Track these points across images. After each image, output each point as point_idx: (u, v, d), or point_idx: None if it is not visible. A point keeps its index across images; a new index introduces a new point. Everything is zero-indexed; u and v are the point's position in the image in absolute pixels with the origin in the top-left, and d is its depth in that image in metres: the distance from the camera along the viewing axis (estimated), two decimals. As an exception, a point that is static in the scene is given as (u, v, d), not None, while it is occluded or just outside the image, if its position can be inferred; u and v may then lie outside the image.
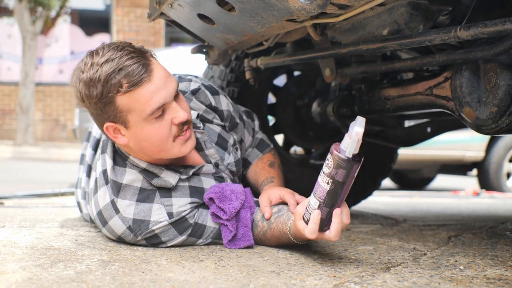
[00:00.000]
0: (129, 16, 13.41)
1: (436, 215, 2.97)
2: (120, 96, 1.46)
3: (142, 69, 1.46)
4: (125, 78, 1.45)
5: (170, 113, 1.53)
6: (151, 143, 1.54)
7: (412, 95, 1.98)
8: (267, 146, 2.05)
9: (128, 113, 1.48)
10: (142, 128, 1.50)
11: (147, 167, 1.61)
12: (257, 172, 1.93)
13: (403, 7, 1.64)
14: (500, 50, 1.50)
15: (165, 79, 1.51)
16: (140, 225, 1.56)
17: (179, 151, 1.59)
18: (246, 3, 1.54)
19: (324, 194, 1.37)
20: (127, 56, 1.47)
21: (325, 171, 1.36)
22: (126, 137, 1.54)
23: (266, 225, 1.62)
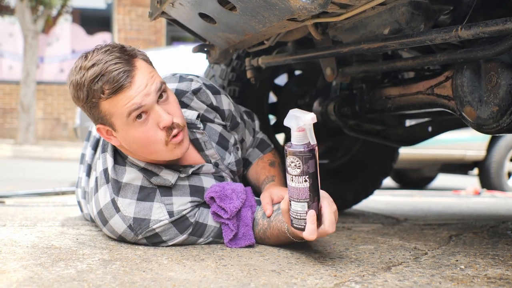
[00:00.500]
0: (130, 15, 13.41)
1: (437, 214, 2.97)
2: (102, 102, 1.48)
3: (123, 75, 1.47)
4: (106, 84, 1.46)
5: (154, 117, 1.52)
6: (140, 146, 1.55)
7: (413, 94, 1.98)
8: (268, 146, 2.05)
9: (111, 117, 1.51)
10: (128, 131, 1.52)
11: (145, 166, 1.63)
12: (257, 171, 1.93)
13: (404, 7, 1.64)
14: (501, 50, 1.50)
15: (145, 84, 1.50)
16: (141, 223, 1.57)
17: (172, 154, 1.59)
18: (248, 2, 1.54)
19: (306, 193, 1.36)
20: (112, 61, 1.47)
21: (296, 172, 1.35)
22: (117, 139, 1.57)
23: (266, 223, 1.62)
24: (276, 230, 1.58)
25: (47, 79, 13.37)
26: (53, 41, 13.63)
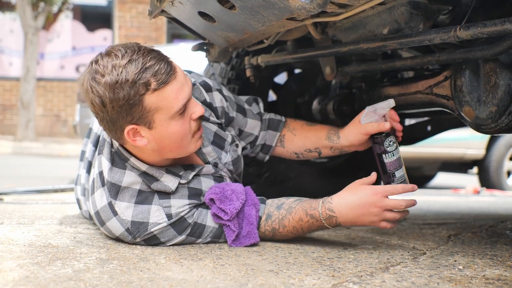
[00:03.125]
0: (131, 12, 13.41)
1: (436, 213, 2.97)
2: (148, 96, 1.44)
3: (167, 67, 1.47)
4: (153, 76, 1.44)
5: (190, 109, 1.54)
6: (173, 141, 1.53)
7: (412, 93, 1.97)
8: (279, 122, 2.03)
9: (156, 112, 1.47)
10: (168, 126, 1.50)
11: (147, 170, 1.59)
12: (307, 137, 1.96)
13: (403, 6, 1.64)
14: (500, 50, 1.49)
15: (184, 75, 1.53)
16: (139, 227, 1.56)
17: (195, 146, 1.61)
18: (247, 1, 1.53)
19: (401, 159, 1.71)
20: (149, 55, 1.46)
21: (393, 148, 1.70)
22: (146, 139, 1.51)
23: (284, 212, 1.63)
24: (300, 212, 1.61)
25: (48, 75, 13.36)
26: (53, 38, 13.61)
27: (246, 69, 2.29)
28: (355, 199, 1.55)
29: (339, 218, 1.57)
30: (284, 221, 1.63)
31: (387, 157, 1.70)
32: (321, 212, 1.57)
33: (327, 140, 1.92)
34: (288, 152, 2.02)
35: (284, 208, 1.64)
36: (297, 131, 2.00)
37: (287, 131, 2.01)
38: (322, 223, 1.59)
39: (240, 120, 1.91)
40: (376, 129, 1.75)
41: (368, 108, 1.75)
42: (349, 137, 1.86)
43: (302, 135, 1.98)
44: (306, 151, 1.98)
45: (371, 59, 2.14)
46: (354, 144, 1.86)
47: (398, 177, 1.71)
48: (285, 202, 1.67)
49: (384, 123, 1.73)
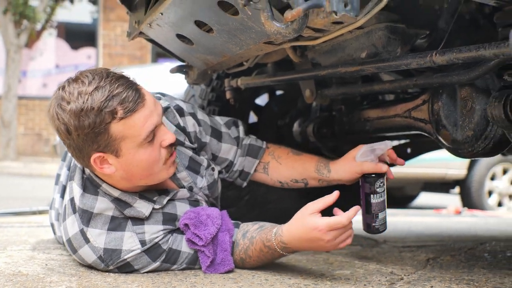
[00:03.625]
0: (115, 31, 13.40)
1: (417, 235, 2.97)
2: (115, 124, 1.42)
3: (135, 94, 1.44)
4: (120, 105, 1.41)
5: (160, 136, 1.51)
6: (142, 169, 1.50)
7: (391, 117, 1.98)
8: (259, 148, 1.96)
9: (122, 140, 1.44)
10: (135, 154, 1.47)
11: (120, 196, 1.56)
12: (294, 167, 1.90)
13: (381, 31, 1.64)
14: (475, 75, 1.50)
15: (154, 102, 1.50)
16: (112, 254, 1.53)
17: (167, 173, 1.58)
18: (224, 25, 1.53)
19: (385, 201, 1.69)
20: (116, 82, 1.43)
21: (382, 189, 1.68)
22: (113, 166, 1.49)
23: (247, 242, 1.60)
24: (259, 244, 1.57)
25: (30, 93, 13.25)
26: (36, 56, 13.54)
27: (226, 91, 2.28)
28: (302, 234, 1.49)
29: (294, 248, 1.54)
30: (248, 251, 1.61)
31: (374, 198, 1.67)
32: (276, 245, 1.53)
33: (316, 173, 1.87)
34: (272, 180, 1.96)
35: (247, 238, 1.61)
36: (283, 159, 1.93)
37: (272, 158, 1.95)
38: (281, 253, 1.56)
39: (213, 145, 1.86)
40: (373, 169, 1.70)
41: (366, 147, 1.72)
42: (340, 173, 1.80)
43: (289, 164, 1.92)
44: (292, 181, 1.92)
45: (350, 82, 2.14)
46: (343, 180, 1.81)
47: (380, 219, 1.68)
48: (249, 230, 1.64)
49: (381, 165, 1.69)
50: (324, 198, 1.52)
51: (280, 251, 1.54)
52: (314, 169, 1.86)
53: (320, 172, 1.85)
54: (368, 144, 1.73)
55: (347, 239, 1.51)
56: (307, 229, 1.47)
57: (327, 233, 1.46)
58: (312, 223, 1.47)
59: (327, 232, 1.46)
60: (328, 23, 1.26)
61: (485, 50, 1.30)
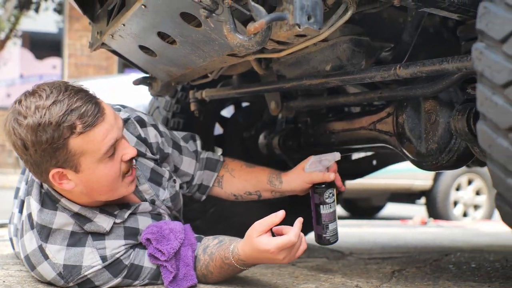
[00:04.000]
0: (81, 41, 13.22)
1: (383, 247, 2.97)
2: (73, 139, 1.37)
3: (95, 108, 1.40)
4: (78, 119, 1.37)
5: (120, 150, 1.47)
6: (103, 184, 1.46)
7: (356, 129, 1.98)
8: (217, 162, 1.97)
9: (81, 155, 1.40)
10: (95, 169, 1.43)
11: (79, 210, 1.52)
12: (247, 179, 1.93)
13: (345, 44, 1.64)
14: (439, 88, 1.51)
15: (114, 116, 1.46)
16: (72, 271, 1.48)
17: (126, 190, 1.53)
18: (187, 36, 1.51)
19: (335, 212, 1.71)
20: (75, 95, 1.39)
21: (331, 200, 1.70)
22: (73, 182, 1.44)
23: (208, 257, 1.57)
24: (219, 260, 1.54)
25: (-7, 104, 12.99)
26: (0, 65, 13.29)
27: (191, 103, 2.25)
28: (255, 254, 1.46)
29: (253, 263, 1.52)
30: (209, 267, 1.58)
31: (324, 208, 1.69)
32: (235, 262, 1.51)
33: (268, 184, 1.90)
34: (226, 193, 1.97)
35: (207, 254, 1.58)
36: (236, 172, 1.96)
37: (226, 171, 1.97)
38: (242, 268, 1.55)
39: (175, 157, 1.84)
40: (320, 178, 1.73)
41: (314, 158, 1.76)
42: (291, 183, 1.84)
43: (242, 177, 1.94)
44: (246, 193, 1.95)
45: (316, 94, 2.14)
46: (295, 190, 1.85)
47: (330, 230, 1.70)
48: (209, 245, 1.61)
49: (329, 174, 1.73)
50: (271, 218, 1.47)
51: (240, 267, 1.53)
52: (267, 180, 1.90)
53: (273, 184, 1.89)
54: (316, 155, 1.78)
55: (300, 249, 1.49)
56: (258, 251, 1.45)
57: (279, 253, 1.44)
58: (262, 246, 1.43)
59: (278, 253, 1.44)
60: (292, 35, 1.25)
61: (448, 64, 1.31)
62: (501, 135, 0.93)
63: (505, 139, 0.92)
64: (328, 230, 1.69)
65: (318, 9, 1.18)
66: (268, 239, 1.44)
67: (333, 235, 1.71)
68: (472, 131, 1.45)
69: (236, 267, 1.52)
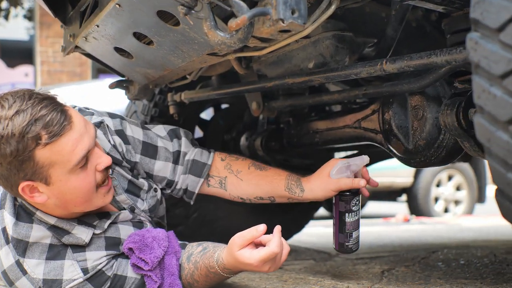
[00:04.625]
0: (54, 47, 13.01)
1: (369, 246, 2.94)
2: (40, 150, 1.28)
3: (61, 116, 1.31)
4: (44, 129, 1.28)
5: (93, 160, 1.39)
6: (77, 196, 1.38)
7: (340, 128, 1.93)
8: (203, 165, 1.75)
9: (50, 167, 1.31)
10: (67, 181, 1.34)
11: (56, 223, 1.44)
12: (259, 185, 1.72)
13: (328, 40, 1.60)
14: (427, 83, 1.47)
15: (84, 124, 1.37)
16: (52, 285, 1.40)
17: (102, 201, 1.45)
18: (165, 36, 1.45)
19: (359, 222, 1.64)
20: (40, 104, 1.30)
21: (357, 208, 1.61)
22: (45, 194, 1.36)
23: (192, 266, 1.51)
24: (204, 269, 1.48)
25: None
26: (-29, 75, 13.03)
27: (169, 106, 2.19)
28: (239, 265, 1.40)
29: (240, 271, 1.47)
30: (194, 276, 1.52)
31: (349, 217, 1.59)
32: (221, 271, 1.45)
33: (287, 192, 1.69)
34: (232, 196, 1.78)
35: (192, 262, 1.52)
36: (244, 175, 1.74)
37: (230, 173, 1.76)
38: (228, 276, 1.49)
39: (145, 164, 1.68)
40: (350, 186, 1.58)
41: (342, 163, 1.60)
42: (315, 191, 1.65)
43: (252, 181, 1.73)
44: (257, 198, 1.75)
45: (298, 93, 2.10)
46: (318, 198, 1.67)
47: (354, 238, 1.61)
48: (193, 253, 1.54)
49: (359, 180, 1.58)
50: (251, 232, 1.39)
51: (226, 275, 1.47)
52: (284, 187, 1.70)
53: (292, 191, 1.69)
54: (343, 160, 1.63)
55: (283, 255, 1.42)
56: (242, 264, 1.39)
57: (263, 265, 1.38)
58: (245, 260, 1.37)
59: (262, 265, 1.37)
60: (275, 31, 1.19)
61: (436, 57, 1.27)
62: (500, 128, 0.89)
63: (505, 132, 0.88)
64: (351, 238, 1.61)
65: (302, 3, 1.13)
66: (250, 253, 1.37)
67: (355, 243, 1.63)
68: (461, 126, 1.41)
69: (222, 275, 1.47)
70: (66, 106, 1.36)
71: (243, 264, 1.38)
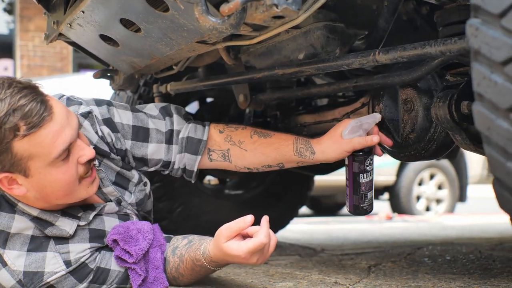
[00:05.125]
0: (34, 41, 12.85)
1: (353, 242, 2.93)
2: (18, 142, 1.24)
3: (40, 107, 1.26)
4: (22, 120, 1.23)
5: (76, 152, 1.34)
6: (57, 189, 1.34)
7: (329, 121, 1.91)
8: (199, 142, 1.67)
9: (29, 159, 1.27)
10: (47, 173, 1.30)
11: (39, 214, 1.40)
12: (265, 153, 1.65)
13: (320, 30, 1.57)
14: (419, 75, 1.46)
15: (66, 115, 1.32)
16: (33, 278, 1.36)
17: (86, 192, 1.41)
18: (153, 23, 1.41)
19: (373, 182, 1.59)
20: (19, 93, 1.25)
21: (371, 167, 1.56)
22: (24, 187, 1.32)
23: (177, 259, 1.47)
24: (190, 262, 1.44)
25: None
26: (-52, 69, 12.81)
27: (155, 97, 2.15)
28: (227, 258, 1.36)
29: (226, 263, 1.43)
30: (179, 270, 1.48)
31: (364, 177, 1.55)
32: (207, 264, 1.41)
33: (296, 156, 1.62)
34: (237, 167, 1.71)
35: (177, 255, 1.48)
36: (248, 145, 1.66)
37: (232, 145, 1.68)
38: (214, 269, 1.45)
39: (137, 149, 1.62)
40: (363, 145, 1.52)
41: (354, 122, 1.53)
42: (327, 153, 1.58)
43: (258, 150, 1.66)
44: (264, 166, 1.69)
45: (286, 86, 2.07)
46: (330, 160, 1.60)
47: (368, 199, 1.58)
48: (179, 246, 1.50)
49: (372, 137, 1.51)
50: (238, 224, 1.34)
51: (213, 268, 1.43)
52: (293, 152, 1.62)
53: (302, 155, 1.62)
54: (354, 119, 1.55)
55: (271, 246, 1.37)
56: (230, 256, 1.34)
57: (251, 257, 1.33)
58: (233, 252, 1.32)
59: (250, 257, 1.32)
60: (268, 17, 1.16)
61: (431, 47, 1.25)
62: (501, 116, 0.87)
63: (505, 120, 0.86)
64: (366, 199, 1.57)
65: (297, -11, 1.10)
66: (238, 245, 1.32)
67: (370, 204, 1.59)
68: (454, 118, 1.39)
69: (208, 268, 1.43)
70: (47, 96, 1.32)
71: (230, 256, 1.34)
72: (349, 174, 1.57)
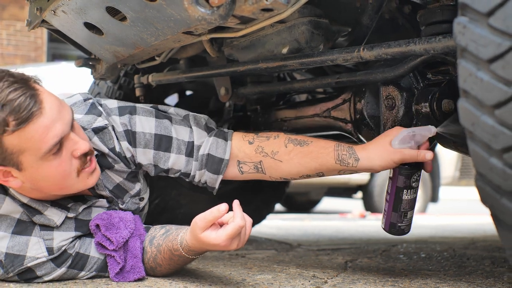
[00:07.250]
0: (8, 30, 12.62)
1: (329, 238, 2.95)
2: (7, 137, 1.23)
3: (30, 101, 1.24)
4: (11, 115, 1.22)
5: (69, 146, 1.33)
6: (51, 183, 1.33)
7: (309, 116, 1.93)
8: (220, 161, 1.59)
9: (20, 154, 1.26)
10: (39, 168, 1.29)
11: (28, 202, 1.39)
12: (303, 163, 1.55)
13: (304, 25, 1.58)
14: (401, 72, 1.48)
15: (58, 108, 1.31)
16: (14, 260, 1.36)
17: (85, 184, 1.41)
18: (140, 12, 1.41)
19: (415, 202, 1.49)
20: (8, 88, 1.24)
21: (417, 184, 1.46)
22: (19, 179, 1.32)
23: (155, 250, 1.46)
24: (168, 252, 1.43)
25: None
26: None
27: (136, 88, 2.14)
28: (206, 247, 1.34)
29: (205, 251, 1.41)
30: (157, 260, 1.47)
31: (407, 194, 1.44)
32: (185, 253, 1.39)
33: (338, 164, 1.51)
34: (272, 178, 1.62)
35: (154, 245, 1.47)
36: (283, 155, 1.56)
37: (264, 156, 1.58)
38: (192, 258, 1.43)
39: (160, 159, 1.56)
40: (414, 158, 1.41)
41: (406, 131, 1.41)
42: (373, 160, 1.46)
43: (294, 161, 1.55)
44: (303, 176, 1.59)
45: (266, 81, 2.08)
46: (375, 169, 1.48)
47: (408, 218, 1.47)
48: (156, 236, 1.49)
49: (426, 152, 1.40)
50: (212, 213, 1.30)
51: (191, 256, 1.42)
52: (334, 160, 1.51)
53: (344, 162, 1.50)
54: (407, 128, 1.44)
55: (247, 228, 1.34)
56: (209, 245, 1.32)
57: (231, 243, 1.30)
58: (212, 241, 1.30)
59: (230, 242, 1.30)
60: (257, 9, 1.17)
61: (415, 45, 1.28)
62: (486, 113, 0.89)
63: (490, 117, 0.88)
64: (406, 218, 1.47)
65: (286, -18, 1.11)
66: (216, 234, 1.30)
67: (408, 224, 1.49)
68: (435, 116, 1.42)
69: (187, 258, 1.42)
70: (38, 90, 1.30)
71: (209, 245, 1.32)
72: (392, 188, 1.47)
